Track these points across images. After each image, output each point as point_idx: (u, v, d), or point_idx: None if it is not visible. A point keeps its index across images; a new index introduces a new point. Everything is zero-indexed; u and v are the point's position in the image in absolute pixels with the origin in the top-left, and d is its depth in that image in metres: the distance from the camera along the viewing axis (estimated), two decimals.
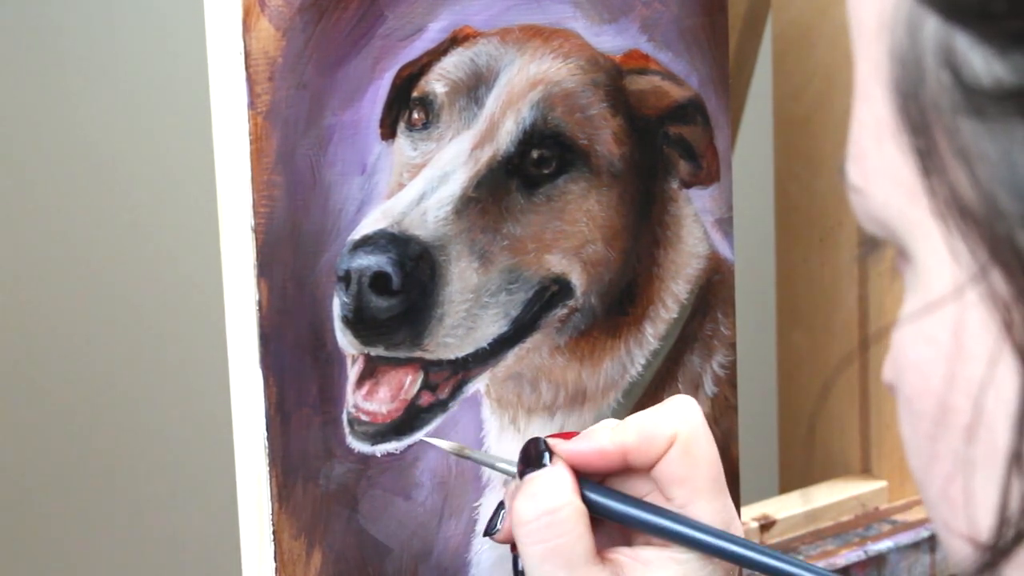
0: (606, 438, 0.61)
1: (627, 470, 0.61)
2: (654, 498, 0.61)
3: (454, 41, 0.72)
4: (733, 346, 0.84)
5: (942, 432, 0.39)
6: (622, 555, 0.61)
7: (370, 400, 0.70)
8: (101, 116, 1.46)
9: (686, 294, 0.81)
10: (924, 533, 1.03)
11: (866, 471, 1.09)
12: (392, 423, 0.71)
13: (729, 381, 0.84)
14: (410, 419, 0.72)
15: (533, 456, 0.60)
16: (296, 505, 0.68)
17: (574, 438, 0.61)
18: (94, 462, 1.49)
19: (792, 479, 1.13)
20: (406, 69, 0.71)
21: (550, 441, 0.61)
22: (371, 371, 0.70)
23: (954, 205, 0.37)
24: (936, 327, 0.39)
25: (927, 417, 0.39)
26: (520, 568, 0.63)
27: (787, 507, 1.04)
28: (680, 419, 0.61)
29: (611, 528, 0.62)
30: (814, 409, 1.12)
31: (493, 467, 0.63)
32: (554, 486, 0.59)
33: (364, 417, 0.70)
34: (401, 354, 0.71)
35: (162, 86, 1.48)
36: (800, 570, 0.59)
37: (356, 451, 0.70)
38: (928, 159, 0.38)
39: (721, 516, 0.61)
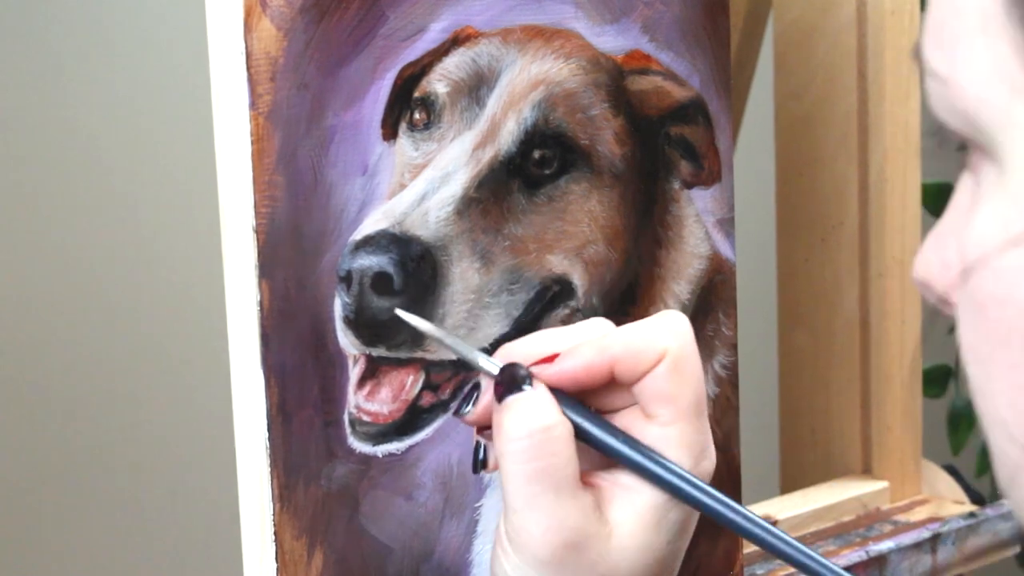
0: (593, 351, 0.59)
1: (609, 384, 0.60)
2: (634, 414, 0.60)
3: (456, 41, 0.72)
4: (734, 346, 0.84)
5: (1022, 340, 0.38)
6: (601, 480, 0.59)
7: (372, 400, 0.70)
8: (102, 116, 1.46)
9: (687, 294, 0.81)
10: (925, 534, 1.03)
11: (867, 471, 1.09)
12: (394, 423, 0.71)
13: (730, 381, 0.84)
14: (412, 419, 0.72)
15: (514, 382, 0.59)
16: (297, 506, 0.68)
17: (559, 358, 0.59)
18: (95, 462, 1.49)
19: (793, 479, 1.13)
20: (408, 69, 0.71)
21: (533, 370, 0.59)
22: (373, 371, 0.70)
23: None
24: None
25: (1005, 325, 0.39)
26: (481, 458, 0.62)
27: (788, 507, 1.04)
28: (671, 334, 0.59)
29: (588, 449, 0.60)
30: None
31: (469, 359, 0.61)
32: (541, 405, 0.58)
33: (366, 417, 0.70)
34: (403, 354, 0.71)
35: (163, 86, 1.48)
36: (765, 533, 0.58)
37: (357, 451, 0.70)
38: None
39: (699, 440, 0.59)
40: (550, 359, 0.59)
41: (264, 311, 0.67)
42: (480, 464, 0.62)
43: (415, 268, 0.70)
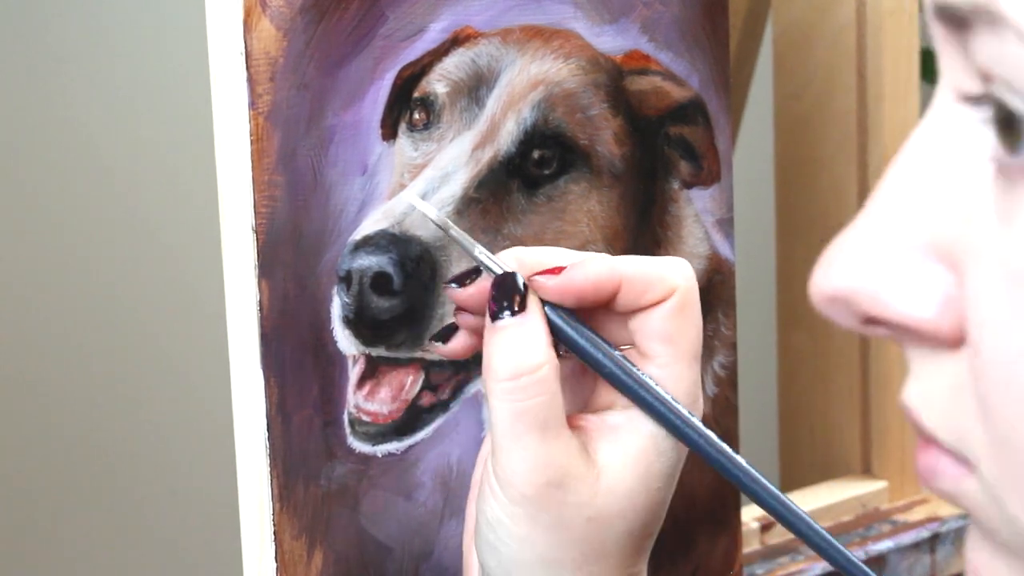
0: (604, 267, 0.57)
1: (604, 317, 0.58)
2: (629, 354, 0.58)
3: (455, 41, 0.72)
4: (734, 346, 0.84)
5: None
6: (589, 422, 0.59)
7: (371, 400, 0.71)
8: (102, 116, 1.46)
9: None
10: (925, 533, 1.03)
11: (866, 471, 1.09)
12: (393, 423, 0.71)
13: (730, 381, 0.84)
14: (411, 420, 0.72)
15: (509, 296, 0.57)
16: (297, 505, 0.68)
17: (566, 270, 0.57)
18: (95, 462, 1.49)
19: (792, 479, 1.13)
20: (407, 69, 0.71)
21: (536, 282, 0.57)
22: (372, 371, 0.70)
23: None
24: None
25: None
26: (443, 336, 0.60)
27: None
28: (681, 274, 0.58)
29: (577, 390, 0.60)
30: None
31: (471, 253, 0.59)
32: (531, 341, 0.56)
33: (365, 417, 0.70)
34: (402, 354, 0.71)
35: (163, 86, 1.48)
36: (746, 478, 0.58)
37: (357, 451, 0.70)
38: None
39: (694, 390, 0.58)
40: (556, 271, 0.58)
41: (264, 311, 0.67)
42: (443, 339, 0.61)
43: (414, 268, 0.70)
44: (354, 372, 0.70)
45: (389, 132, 0.71)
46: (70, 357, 1.46)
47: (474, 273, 0.60)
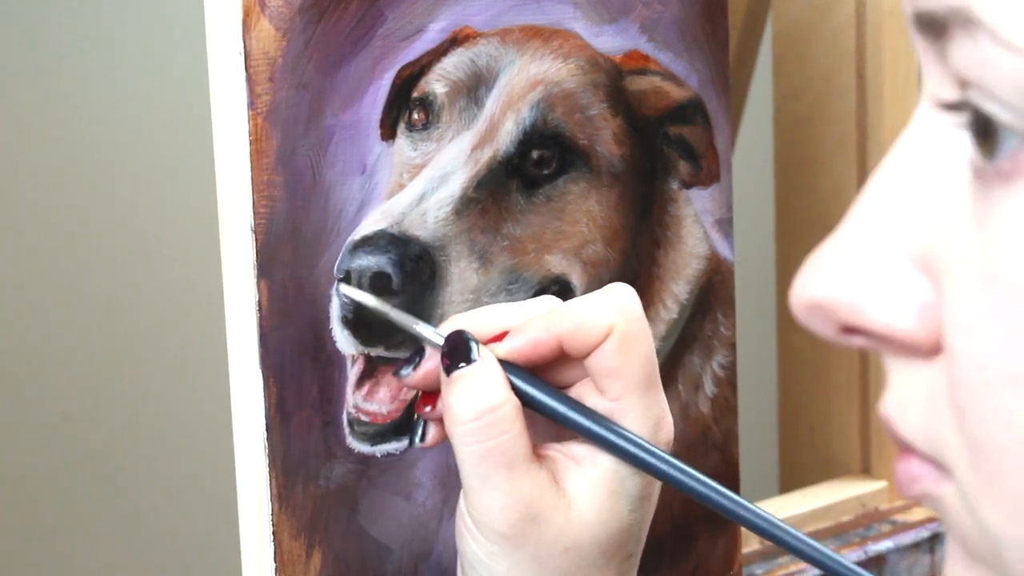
0: (541, 328, 0.59)
1: (561, 358, 0.60)
2: (586, 388, 0.60)
3: (454, 41, 0.72)
4: (733, 346, 0.84)
5: None
6: (553, 451, 0.60)
7: (370, 400, 0.71)
8: (101, 116, 1.46)
9: (686, 295, 0.81)
10: (924, 533, 1.03)
11: (866, 471, 1.09)
12: (392, 423, 0.71)
13: (729, 381, 0.84)
14: (410, 420, 0.72)
15: (460, 351, 0.59)
16: (296, 505, 0.68)
17: (508, 336, 0.59)
18: (94, 462, 1.49)
19: (792, 479, 1.13)
20: (406, 69, 0.71)
21: (483, 348, 0.59)
22: (371, 372, 0.70)
23: None
24: None
25: None
26: (420, 432, 0.62)
27: (787, 507, 1.04)
28: (618, 310, 0.59)
29: (539, 422, 0.60)
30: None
31: (413, 331, 0.61)
32: (488, 383, 0.58)
33: (364, 418, 0.70)
34: (401, 355, 0.71)
35: (162, 86, 1.48)
36: (719, 496, 0.58)
37: (356, 451, 0.70)
38: None
39: (652, 412, 0.59)
40: (499, 337, 0.60)
41: (263, 311, 0.67)
42: (420, 438, 0.62)
43: (413, 268, 0.70)
44: (353, 372, 0.70)
45: (388, 132, 0.71)
46: (69, 357, 1.46)
47: (417, 354, 0.61)
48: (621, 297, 0.60)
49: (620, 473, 0.59)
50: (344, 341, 0.69)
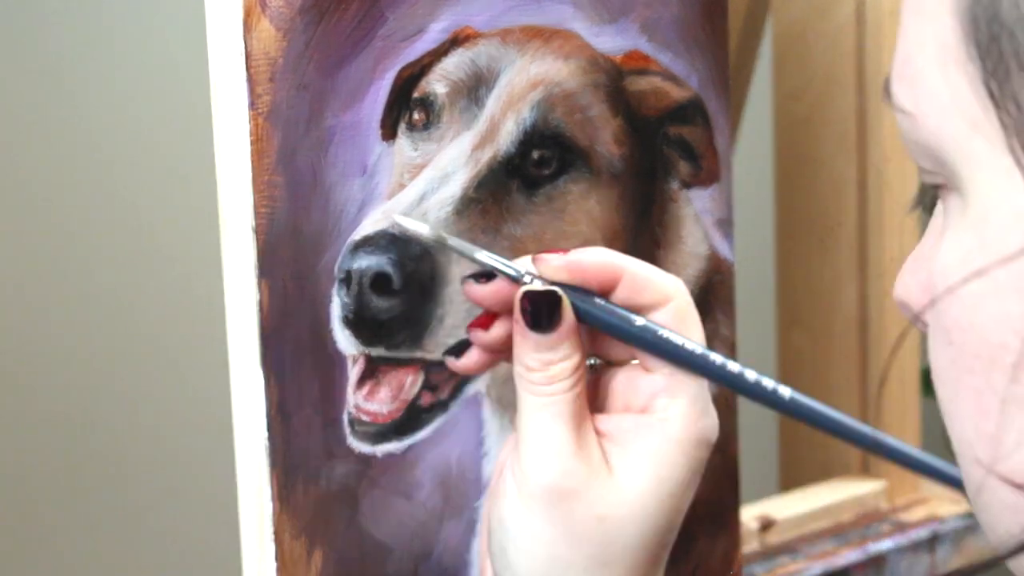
0: (608, 255, 0.59)
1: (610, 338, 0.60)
2: (631, 371, 0.60)
3: (455, 42, 0.72)
4: (733, 346, 0.84)
5: (985, 367, 0.38)
6: (602, 424, 0.60)
7: (371, 400, 0.71)
8: (101, 116, 1.46)
9: None
10: (924, 533, 1.03)
11: (866, 471, 1.09)
12: (393, 423, 0.71)
13: None
14: (411, 419, 0.72)
15: (545, 313, 0.58)
16: (297, 505, 0.68)
17: (570, 252, 0.59)
18: (95, 462, 1.49)
19: (792, 479, 1.13)
20: (407, 70, 0.71)
21: (542, 259, 0.59)
22: (372, 371, 0.70)
23: None
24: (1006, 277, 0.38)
25: (969, 352, 0.39)
26: (456, 351, 0.61)
27: (787, 507, 1.04)
28: (677, 288, 0.60)
29: (593, 397, 0.61)
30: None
31: (478, 261, 0.60)
32: (565, 340, 0.58)
33: (365, 417, 0.70)
34: (402, 354, 0.71)
35: (163, 87, 1.48)
36: (800, 410, 0.59)
37: (357, 451, 0.70)
38: (1000, 90, 0.36)
39: (702, 394, 0.60)
40: (562, 251, 0.60)
41: (264, 311, 0.67)
42: (456, 354, 0.61)
43: (414, 268, 0.70)
44: (354, 372, 0.70)
45: (389, 132, 0.71)
46: (69, 357, 1.46)
47: (489, 276, 0.60)
48: (680, 281, 0.61)
49: (666, 454, 0.59)
50: (345, 341, 0.69)
